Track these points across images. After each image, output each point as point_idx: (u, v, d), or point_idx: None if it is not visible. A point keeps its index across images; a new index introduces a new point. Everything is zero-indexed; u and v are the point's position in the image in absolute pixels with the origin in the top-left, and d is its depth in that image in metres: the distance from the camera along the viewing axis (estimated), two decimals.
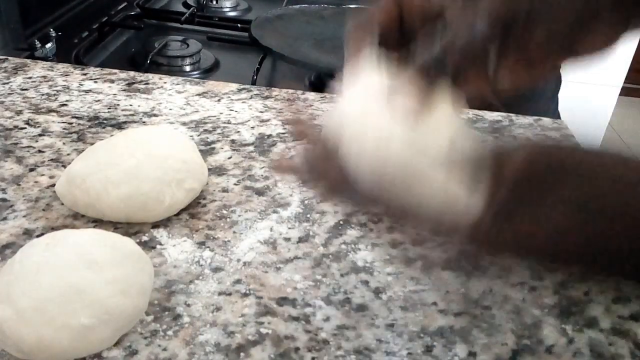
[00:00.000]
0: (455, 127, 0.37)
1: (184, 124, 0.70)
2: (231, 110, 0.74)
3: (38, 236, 0.51)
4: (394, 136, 0.36)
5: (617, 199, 0.33)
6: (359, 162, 0.36)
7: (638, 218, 0.33)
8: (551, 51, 0.38)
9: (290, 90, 0.81)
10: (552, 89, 1.35)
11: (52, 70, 0.81)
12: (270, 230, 0.54)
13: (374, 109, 0.37)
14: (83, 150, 0.58)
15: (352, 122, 0.38)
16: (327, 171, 0.37)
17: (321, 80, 0.96)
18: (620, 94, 2.06)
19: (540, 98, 1.32)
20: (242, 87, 0.80)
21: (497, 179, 0.34)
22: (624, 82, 2.03)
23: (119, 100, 0.74)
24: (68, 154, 0.63)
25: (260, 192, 0.59)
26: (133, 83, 0.79)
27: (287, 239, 0.53)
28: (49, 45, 0.91)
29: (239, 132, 0.69)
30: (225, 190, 0.59)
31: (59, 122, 0.69)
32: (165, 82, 0.80)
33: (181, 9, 1.23)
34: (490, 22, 0.35)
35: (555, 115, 1.35)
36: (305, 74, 0.98)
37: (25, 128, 0.67)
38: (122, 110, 0.72)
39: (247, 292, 0.47)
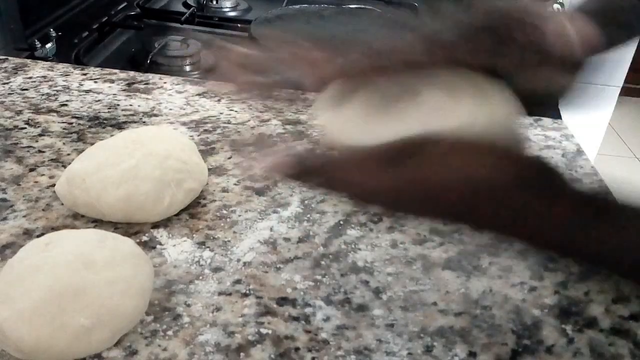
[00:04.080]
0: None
1: (184, 124, 0.70)
2: (231, 110, 0.74)
3: (38, 236, 0.51)
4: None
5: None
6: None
7: None
8: None
9: (290, 91, 0.81)
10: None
11: (52, 70, 0.81)
12: (270, 230, 0.54)
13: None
14: (83, 150, 0.58)
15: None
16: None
17: None
18: (620, 94, 2.06)
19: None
20: None
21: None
22: (624, 82, 2.02)
23: (119, 100, 0.74)
24: (68, 154, 0.63)
25: (260, 192, 0.59)
26: (133, 83, 0.79)
27: (287, 239, 0.53)
28: (49, 45, 0.91)
29: (239, 132, 0.69)
30: (225, 190, 0.59)
31: (59, 122, 0.69)
32: (165, 82, 0.80)
33: (181, 9, 1.23)
34: None
35: (556, 111, 1.35)
36: None
37: (25, 128, 0.67)
38: (122, 110, 0.72)
39: (247, 292, 0.47)
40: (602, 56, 0.44)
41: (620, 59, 1.97)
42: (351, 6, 1.23)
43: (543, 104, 0.44)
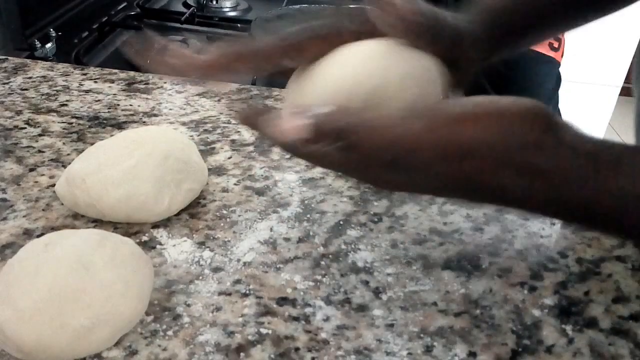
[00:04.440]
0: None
1: (183, 124, 0.70)
2: (231, 110, 0.74)
3: (38, 236, 0.51)
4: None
5: None
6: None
7: None
8: None
9: None
10: (551, 86, 1.35)
11: (52, 70, 0.81)
12: (270, 230, 0.54)
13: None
14: (83, 150, 0.58)
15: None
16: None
17: None
18: (620, 94, 2.06)
19: (540, 95, 1.33)
20: (242, 87, 0.80)
21: None
22: (624, 82, 2.03)
23: (119, 100, 0.74)
24: (68, 154, 0.63)
25: (260, 192, 0.59)
26: (133, 83, 0.79)
27: (287, 239, 0.53)
28: (49, 45, 0.91)
29: (239, 132, 0.69)
30: (225, 190, 0.59)
31: (59, 122, 0.69)
32: (165, 82, 0.80)
33: (181, 9, 1.23)
34: None
35: (557, 112, 1.36)
36: None
37: (25, 128, 0.67)
38: (122, 110, 0.72)
39: (247, 292, 0.47)
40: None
41: (620, 59, 1.97)
42: (351, 6, 1.23)
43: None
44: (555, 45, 1.29)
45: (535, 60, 1.29)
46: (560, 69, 1.34)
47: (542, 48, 1.28)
